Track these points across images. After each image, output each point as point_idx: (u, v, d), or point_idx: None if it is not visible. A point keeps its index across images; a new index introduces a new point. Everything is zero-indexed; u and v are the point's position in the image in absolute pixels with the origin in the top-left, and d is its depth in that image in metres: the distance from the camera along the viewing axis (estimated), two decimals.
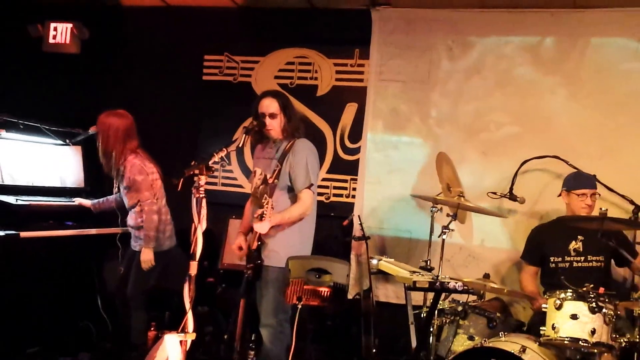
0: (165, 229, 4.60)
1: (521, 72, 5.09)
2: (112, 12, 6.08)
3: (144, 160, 4.56)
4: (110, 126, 4.53)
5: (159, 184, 4.61)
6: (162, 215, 4.59)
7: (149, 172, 4.55)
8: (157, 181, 4.60)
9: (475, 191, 4.81)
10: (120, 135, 4.51)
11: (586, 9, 4.91)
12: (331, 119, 5.61)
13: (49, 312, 4.93)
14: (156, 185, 4.58)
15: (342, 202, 5.52)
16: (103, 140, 4.54)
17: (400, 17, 5.34)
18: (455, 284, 3.70)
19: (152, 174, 4.57)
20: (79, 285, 5.08)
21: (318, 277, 3.67)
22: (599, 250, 4.24)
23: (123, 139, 4.51)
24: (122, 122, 4.55)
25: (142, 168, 4.51)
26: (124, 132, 4.52)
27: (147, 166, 4.55)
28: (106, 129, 4.53)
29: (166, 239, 4.61)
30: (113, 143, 4.50)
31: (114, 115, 4.57)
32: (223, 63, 5.93)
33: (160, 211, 4.57)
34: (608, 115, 4.87)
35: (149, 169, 4.55)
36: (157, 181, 4.61)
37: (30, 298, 4.76)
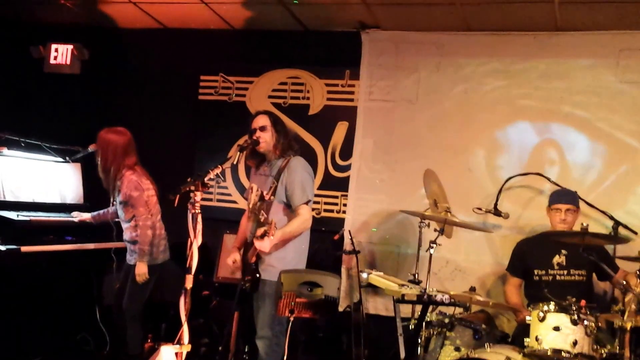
0: (159, 243, 4.65)
1: (505, 92, 5.20)
2: (112, 34, 6.19)
3: (141, 177, 4.61)
4: (109, 143, 4.59)
5: (154, 200, 4.66)
6: (157, 230, 4.64)
7: (145, 188, 4.59)
8: (152, 197, 4.65)
9: (462, 207, 4.89)
10: (119, 151, 4.57)
11: (567, 32, 5.04)
12: (323, 137, 5.69)
13: (49, 324, 4.97)
14: (151, 202, 4.63)
15: (333, 217, 5.58)
16: (102, 157, 4.60)
17: (389, 40, 5.46)
18: (442, 297, 3.79)
19: (148, 190, 4.62)
20: (78, 297, 5.12)
21: (310, 290, 3.75)
22: (581, 264, 4.33)
23: (122, 155, 4.57)
24: (121, 139, 4.61)
25: (138, 184, 4.56)
26: (122, 148, 4.58)
27: (143, 182, 4.60)
28: (105, 146, 4.60)
29: (160, 252, 4.65)
30: (112, 159, 4.56)
31: (113, 132, 4.63)
32: (218, 83, 6.01)
33: (155, 226, 4.62)
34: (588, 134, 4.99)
35: (145, 185, 4.60)
36: (153, 197, 4.66)
37: (31, 310, 4.81)
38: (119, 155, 4.58)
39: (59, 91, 6.10)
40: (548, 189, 4.83)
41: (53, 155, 5.35)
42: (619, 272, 4.36)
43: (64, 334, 5.10)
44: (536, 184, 5.01)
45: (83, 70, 5.77)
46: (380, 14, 5.27)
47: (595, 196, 4.86)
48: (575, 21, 4.92)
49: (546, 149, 5.11)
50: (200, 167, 5.50)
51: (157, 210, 4.69)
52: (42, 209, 4.99)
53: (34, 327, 4.86)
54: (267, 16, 5.55)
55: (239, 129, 5.61)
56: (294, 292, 3.75)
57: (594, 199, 4.83)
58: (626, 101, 4.92)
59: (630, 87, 4.91)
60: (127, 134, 4.68)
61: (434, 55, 5.37)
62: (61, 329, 5.08)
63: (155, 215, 4.66)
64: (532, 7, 4.78)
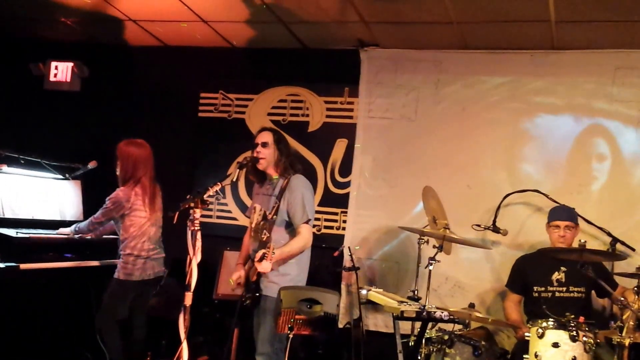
0: (136, 261, 4.55)
1: (502, 110, 5.25)
2: (112, 51, 6.23)
3: (132, 193, 4.54)
4: (129, 155, 4.58)
5: (139, 222, 4.58)
6: (135, 251, 4.54)
7: (127, 207, 4.52)
8: (137, 218, 4.57)
9: (461, 223, 4.89)
10: (138, 164, 4.59)
11: (564, 50, 5.10)
12: (322, 154, 5.72)
13: (48, 341, 4.96)
14: (136, 222, 4.56)
15: (332, 234, 5.60)
16: (122, 169, 4.59)
17: (387, 58, 5.52)
18: (441, 314, 3.82)
19: (133, 211, 4.55)
20: (77, 314, 5.09)
21: (309, 307, 3.78)
22: (580, 281, 4.35)
23: (140, 168, 4.59)
24: (141, 152, 4.61)
25: (117, 199, 4.50)
26: (142, 161, 4.60)
27: (129, 200, 4.52)
28: (126, 158, 4.59)
29: (136, 269, 4.56)
30: (131, 171, 4.56)
31: (133, 145, 4.63)
32: (218, 100, 6.06)
33: (135, 247, 4.54)
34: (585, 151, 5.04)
35: (130, 204, 4.53)
36: (138, 219, 4.57)
37: (30, 327, 4.80)
38: (137, 168, 4.59)
39: (58, 108, 6.13)
40: (546, 205, 4.84)
41: (53, 172, 5.36)
42: (617, 289, 4.37)
43: (62, 350, 5.06)
44: (534, 201, 5.03)
45: (83, 88, 5.80)
46: (379, 33, 5.32)
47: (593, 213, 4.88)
48: (571, 40, 4.97)
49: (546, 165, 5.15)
50: (200, 184, 5.54)
51: (142, 232, 4.60)
52: (42, 226, 4.98)
53: (33, 343, 4.84)
54: (266, 34, 5.62)
55: (238, 146, 5.65)
56: (294, 309, 3.77)
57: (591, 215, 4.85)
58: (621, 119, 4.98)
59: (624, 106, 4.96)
60: (147, 147, 4.68)
61: (433, 73, 5.42)
62: (60, 345, 5.05)
63: (139, 237, 4.58)
64: (529, 26, 4.84)
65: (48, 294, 4.94)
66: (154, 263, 4.66)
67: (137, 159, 4.60)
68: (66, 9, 5.49)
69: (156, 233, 4.72)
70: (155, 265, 4.67)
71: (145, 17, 5.59)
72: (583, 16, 4.58)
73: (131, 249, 4.55)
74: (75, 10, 5.52)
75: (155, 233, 4.70)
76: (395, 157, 5.49)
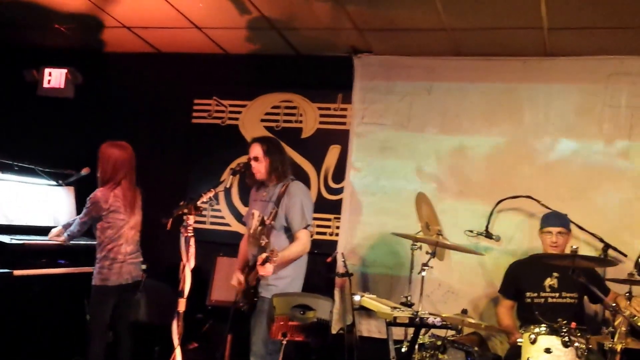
0: (112, 265, 4.47)
1: (496, 116, 5.28)
2: (106, 58, 6.24)
3: (111, 194, 4.48)
4: (109, 157, 4.53)
5: (118, 224, 4.51)
6: (111, 254, 4.47)
7: (105, 207, 4.46)
8: (116, 220, 4.50)
9: (453, 229, 4.93)
10: (118, 166, 4.53)
11: (556, 57, 5.13)
12: (315, 161, 5.73)
13: (42, 348, 4.96)
14: (114, 224, 4.49)
15: (326, 240, 5.60)
16: (101, 169, 4.55)
17: (380, 64, 5.54)
18: (434, 320, 3.84)
19: (111, 212, 4.48)
20: (71, 321, 5.09)
21: (302, 313, 3.80)
22: (573, 287, 4.37)
23: (119, 170, 4.53)
24: (121, 154, 4.56)
25: (95, 199, 4.45)
26: (121, 163, 4.55)
27: (107, 201, 4.47)
28: (105, 159, 4.54)
29: (112, 274, 4.47)
30: (110, 173, 4.51)
31: (115, 147, 4.58)
32: (212, 107, 6.07)
33: (112, 249, 4.47)
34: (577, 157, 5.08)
35: (108, 204, 4.47)
36: (117, 221, 4.51)
37: (24, 334, 4.79)
38: (116, 170, 4.53)
39: (52, 115, 6.08)
40: (539, 211, 4.86)
41: (46, 178, 5.36)
42: (609, 295, 4.40)
43: (56, 357, 5.05)
44: (527, 207, 5.05)
45: (77, 94, 5.73)
46: (372, 39, 5.35)
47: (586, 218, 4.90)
48: (564, 47, 5.00)
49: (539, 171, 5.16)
50: (194, 191, 5.51)
51: (120, 234, 4.52)
52: (35, 233, 4.97)
53: (26, 350, 4.84)
54: (260, 41, 5.63)
55: (232, 152, 5.67)
56: (287, 316, 3.78)
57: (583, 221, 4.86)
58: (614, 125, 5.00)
59: (617, 111, 4.99)
60: (128, 149, 4.64)
61: (425, 79, 5.44)
62: (54, 352, 5.04)
63: (117, 239, 4.51)
64: (522, 33, 4.87)
65: (42, 300, 4.93)
66: (131, 267, 4.57)
67: (118, 161, 4.54)
68: (60, 15, 5.49)
69: (134, 237, 4.64)
70: (133, 270, 4.59)
71: (139, 24, 5.60)
72: (575, 23, 4.61)
73: (108, 252, 4.47)
74: (69, 17, 5.52)
75: (133, 236, 4.63)
76: (388, 164, 5.51)
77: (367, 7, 4.72)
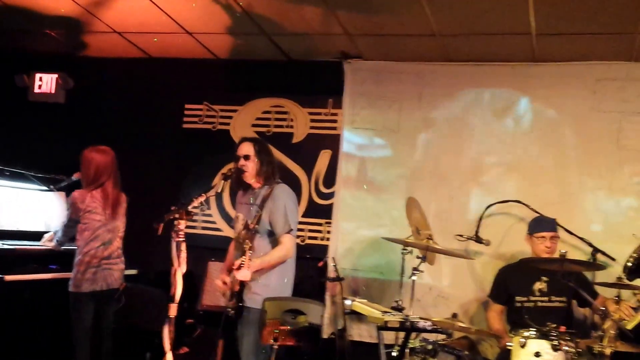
0: (86, 270, 4.43)
1: (485, 122, 5.31)
2: (96, 63, 6.23)
3: (88, 196, 4.46)
4: (90, 161, 4.53)
5: (94, 225, 4.47)
6: (86, 258, 4.44)
7: (83, 208, 4.44)
8: (93, 221, 4.48)
9: (444, 234, 4.94)
10: (100, 170, 4.53)
11: (545, 63, 5.16)
12: (306, 165, 5.74)
13: (33, 353, 4.93)
14: (90, 225, 4.47)
15: (317, 244, 5.61)
16: (83, 174, 4.56)
17: (370, 69, 5.56)
18: (424, 324, 3.86)
19: (87, 212, 4.46)
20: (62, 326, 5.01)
21: (293, 318, 3.79)
22: (562, 291, 4.39)
23: (102, 174, 4.53)
24: (102, 158, 4.56)
25: (73, 202, 4.45)
26: (103, 167, 4.54)
27: (84, 202, 4.45)
28: (87, 164, 4.55)
29: (85, 280, 4.43)
30: (93, 177, 4.51)
31: (95, 151, 4.58)
32: (203, 112, 6.07)
33: (88, 252, 4.44)
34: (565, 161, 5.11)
35: (85, 205, 4.45)
36: (94, 222, 4.48)
37: (15, 339, 4.76)
38: (98, 174, 4.53)
39: (43, 120, 6.10)
40: (528, 216, 4.89)
41: (37, 184, 5.35)
42: (598, 298, 4.43)
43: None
44: (516, 212, 5.08)
45: (68, 99, 5.76)
46: (362, 45, 5.37)
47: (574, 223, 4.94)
48: (552, 52, 5.04)
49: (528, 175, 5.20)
50: (185, 196, 5.53)
51: (95, 235, 4.48)
52: (27, 238, 4.97)
53: (17, 356, 4.81)
54: (250, 46, 5.64)
55: (223, 158, 5.66)
56: (278, 320, 3.78)
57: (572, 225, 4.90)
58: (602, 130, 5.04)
59: (605, 116, 5.03)
60: (109, 153, 4.62)
61: (416, 84, 5.47)
62: (45, 357, 5.02)
63: (93, 241, 4.47)
64: (510, 39, 4.90)
65: (33, 305, 4.90)
66: (106, 273, 4.50)
67: (99, 165, 4.53)
68: (51, 20, 5.49)
69: (113, 241, 4.58)
70: (108, 276, 4.51)
71: (129, 29, 5.60)
72: (563, 29, 4.65)
73: (83, 255, 4.43)
74: (60, 22, 5.52)
75: (111, 240, 4.57)
76: (378, 168, 5.53)
77: (357, 12, 4.74)
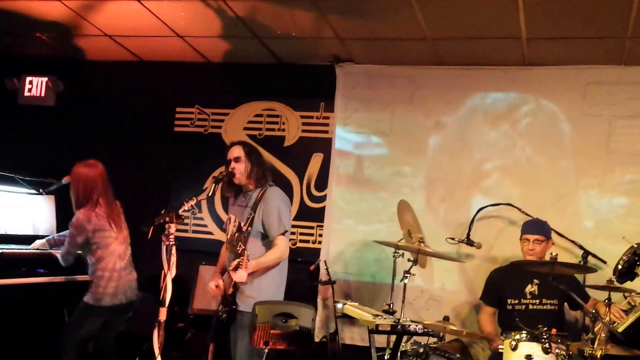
0: (107, 285, 4.42)
1: (477, 125, 5.32)
2: (87, 66, 6.22)
3: (93, 214, 4.43)
4: (80, 176, 4.50)
5: (106, 242, 4.46)
6: (106, 272, 4.42)
7: (90, 228, 4.40)
8: (104, 238, 4.45)
9: (435, 237, 4.95)
10: (90, 185, 4.48)
11: (535, 67, 5.18)
12: (298, 169, 5.74)
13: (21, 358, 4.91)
14: (102, 242, 4.45)
15: (308, 247, 5.61)
16: (74, 191, 4.52)
17: (362, 73, 5.57)
18: (415, 327, 3.86)
19: (97, 231, 4.43)
20: (50, 331, 4.99)
21: (284, 321, 3.78)
22: (553, 293, 4.40)
23: (92, 189, 4.47)
24: (91, 172, 4.51)
25: (80, 223, 4.40)
26: (92, 181, 4.49)
27: (91, 221, 4.41)
28: (76, 180, 4.51)
29: (107, 294, 4.41)
30: (83, 193, 4.46)
31: (84, 166, 4.54)
32: (194, 115, 6.07)
33: (107, 267, 4.43)
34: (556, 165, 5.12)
35: (92, 225, 4.41)
36: (105, 238, 4.46)
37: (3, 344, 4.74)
38: (89, 189, 4.48)
39: (33, 123, 6.09)
40: (520, 219, 4.90)
41: (26, 187, 5.32)
42: (589, 301, 4.44)
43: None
44: (507, 214, 5.09)
45: (58, 103, 5.74)
46: (354, 48, 5.37)
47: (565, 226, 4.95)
48: (542, 56, 5.06)
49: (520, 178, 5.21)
50: (176, 199, 5.53)
51: (110, 251, 4.47)
52: (15, 241, 4.93)
53: None
54: (242, 49, 5.64)
55: (214, 161, 5.65)
56: (269, 324, 3.76)
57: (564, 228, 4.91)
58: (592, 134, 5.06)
59: (595, 120, 5.05)
60: (97, 167, 4.57)
61: (407, 88, 5.48)
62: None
63: (109, 256, 4.47)
64: (501, 43, 4.92)
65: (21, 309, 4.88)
66: (126, 287, 4.51)
67: (88, 180, 4.48)
68: (41, 24, 5.47)
69: (126, 252, 4.60)
70: (128, 290, 4.52)
71: (120, 33, 5.59)
72: (553, 33, 4.67)
73: (102, 271, 4.42)
74: (50, 26, 5.51)
75: (125, 251, 4.58)
76: (370, 172, 5.53)
77: (348, 16, 4.75)
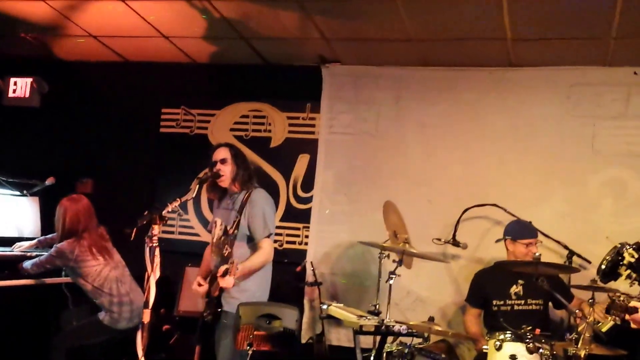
0: (121, 310, 4.51)
1: (462, 126, 5.33)
2: (72, 67, 6.19)
3: (76, 247, 4.50)
4: (65, 211, 4.56)
5: (96, 269, 4.53)
6: (114, 298, 4.51)
7: (75, 260, 4.49)
8: (92, 267, 4.53)
9: (421, 238, 4.93)
10: (74, 219, 4.55)
11: (520, 68, 5.20)
12: (284, 170, 5.73)
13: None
14: (91, 271, 4.52)
15: (295, 249, 5.61)
16: (60, 225, 4.59)
17: (348, 74, 5.57)
18: (400, 327, 3.87)
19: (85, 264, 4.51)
20: (35, 333, 5.01)
21: (268, 323, 3.77)
22: (538, 294, 4.41)
23: (77, 223, 4.55)
24: (74, 206, 4.58)
25: (63, 253, 4.48)
26: (76, 216, 4.56)
27: (74, 254, 4.49)
28: (62, 214, 4.57)
29: (123, 318, 4.51)
30: (69, 227, 4.54)
31: (68, 200, 4.61)
32: (180, 116, 6.05)
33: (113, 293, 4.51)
34: (541, 165, 5.14)
35: (77, 256, 4.49)
36: (93, 267, 4.54)
37: None
38: (74, 223, 4.55)
39: (17, 125, 6.06)
40: (505, 219, 4.90)
41: (10, 188, 5.31)
42: (573, 301, 4.45)
43: None
44: (493, 215, 5.10)
45: (43, 104, 5.68)
46: (339, 49, 5.37)
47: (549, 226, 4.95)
48: (527, 57, 5.07)
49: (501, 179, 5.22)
50: (162, 200, 5.42)
51: (105, 278, 4.55)
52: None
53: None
54: (228, 50, 5.63)
55: (200, 162, 5.56)
56: (252, 325, 3.76)
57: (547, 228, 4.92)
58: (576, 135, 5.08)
59: (579, 121, 5.07)
60: (82, 200, 4.64)
61: (393, 89, 5.48)
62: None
63: (107, 283, 4.53)
64: (487, 44, 4.93)
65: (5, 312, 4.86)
66: (140, 311, 4.39)
67: (72, 215, 4.56)
68: (26, 24, 5.44)
69: (123, 275, 4.65)
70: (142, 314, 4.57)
71: (105, 33, 5.57)
72: (538, 34, 4.68)
73: (111, 296, 4.49)
74: (35, 26, 5.48)
75: (122, 275, 4.64)
76: (356, 173, 5.54)
77: (334, 17, 4.75)
